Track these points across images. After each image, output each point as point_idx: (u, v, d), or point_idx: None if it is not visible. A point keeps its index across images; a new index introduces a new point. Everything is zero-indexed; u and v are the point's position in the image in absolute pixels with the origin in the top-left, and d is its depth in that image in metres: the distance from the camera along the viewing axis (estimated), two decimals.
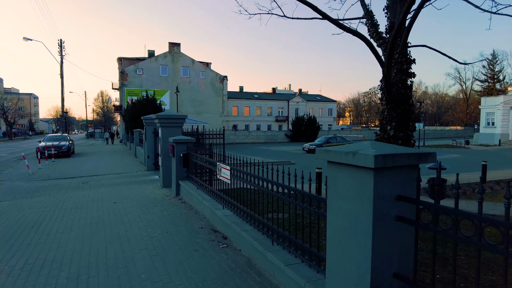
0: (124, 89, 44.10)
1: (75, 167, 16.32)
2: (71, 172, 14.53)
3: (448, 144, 39.59)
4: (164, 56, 46.34)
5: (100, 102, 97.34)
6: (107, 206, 8.05)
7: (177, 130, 10.28)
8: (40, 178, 12.97)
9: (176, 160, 8.66)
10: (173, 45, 46.97)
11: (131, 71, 44.51)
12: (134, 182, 11.82)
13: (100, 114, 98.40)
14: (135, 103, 24.03)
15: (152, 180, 12.21)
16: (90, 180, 12.37)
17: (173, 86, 46.30)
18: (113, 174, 13.98)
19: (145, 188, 10.45)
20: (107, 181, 12.07)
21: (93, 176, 13.36)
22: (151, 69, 45.40)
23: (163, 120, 9.99)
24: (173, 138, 8.58)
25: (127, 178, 12.84)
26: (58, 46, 32.56)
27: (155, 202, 8.30)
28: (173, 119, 10.11)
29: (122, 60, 49.20)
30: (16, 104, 72.73)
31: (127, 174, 13.83)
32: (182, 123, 10.26)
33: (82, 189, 10.48)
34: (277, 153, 27.12)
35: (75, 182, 12.07)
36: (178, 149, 8.64)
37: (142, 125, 23.95)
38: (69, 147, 22.13)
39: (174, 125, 10.23)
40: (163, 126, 10.06)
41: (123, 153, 25.03)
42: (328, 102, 77.61)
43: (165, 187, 10.20)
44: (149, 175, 13.51)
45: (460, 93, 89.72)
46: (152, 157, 14.70)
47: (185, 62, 47.55)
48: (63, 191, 10.17)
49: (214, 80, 49.56)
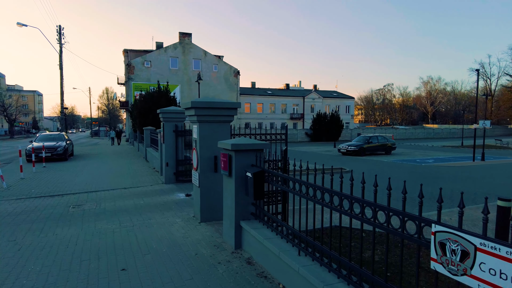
0: (131, 83, 40.29)
1: (69, 176, 12.40)
2: (62, 185, 10.60)
3: (492, 145, 35.26)
4: (174, 48, 42.43)
5: (105, 99, 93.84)
6: (107, 279, 4.06)
7: (224, 127, 6.28)
8: (15, 196, 9.04)
9: (236, 183, 4.65)
10: (183, 35, 43.04)
11: (138, 64, 40.68)
12: (151, 206, 7.83)
13: (105, 111, 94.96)
14: (146, 96, 20.07)
15: (176, 202, 8.22)
16: (86, 201, 8.41)
17: (184, 80, 42.44)
18: (119, 189, 10.02)
19: (171, 222, 6.46)
20: (110, 204, 8.10)
21: (91, 193, 9.40)
22: (160, 62, 41.54)
23: (203, 111, 5.96)
24: (233, 143, 4.56)
25: (139, 197, 8.86)
26: (56, 33, 28.69)
27: (200, 269, 4.28)
28: (221, 109, 6.07)
29: (129, 52, 45.39)
30: (17, 101, 69.29)
31: (138, 190, 9.85)
32: (232, 115, 6.23)
33: (70, 222, 6.52)
34: (306, 156, 23.04)
35: (63, 204, 8.12)
36: (240, 162, 4.64)
37: (153, 122, 20.02)
38: (66, 149, 18.26)
39: (221, 118, 6.21)
40: (202, 121, 6.05)
41: (131, 156, 21.10)
42: (345, 98, 73.30)
43: (204, 222, 6.21)
44: (169, 191, 9.52)
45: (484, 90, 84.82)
46: (172, 164, 10.71)
47: (197, 54, 43.60)
48: (37, 227, 6.21)
49: (227, 74, 45.59)
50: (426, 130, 61.05)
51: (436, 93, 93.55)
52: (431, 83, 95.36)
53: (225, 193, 5.04)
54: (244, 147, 4.58)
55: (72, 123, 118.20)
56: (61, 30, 28.71)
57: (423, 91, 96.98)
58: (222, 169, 4.94)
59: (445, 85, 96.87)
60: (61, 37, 28.72)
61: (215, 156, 6.17)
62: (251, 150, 4.67)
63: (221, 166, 4.97)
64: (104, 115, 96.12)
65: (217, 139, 6.17)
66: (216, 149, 6.18)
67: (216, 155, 6.19)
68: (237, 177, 4.65)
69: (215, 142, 6.10)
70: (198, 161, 6.17)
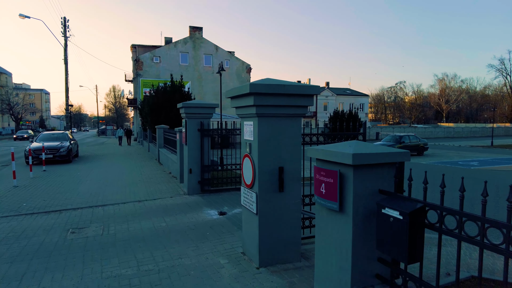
0: (139, 80, 38.42)
1: (71, 184, 10.44)
2: (62, 196, 8.62)
3: None
4: (185, 42, 40.44)
5: (112, 97, 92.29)
6: None
7: (294, 124, 4.18)
8: (0, 214, 7.07)
9: (356, 226, 2.55)
10: (194, 29, 41.03)
11: (146, 59, 38.76)
12: (177, 231, 5.77)
13: (112, 110, 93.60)
14: (158, 91, 18.06)
15: (210, 224, 6.16)
16: (90, 222, 6.39)
17: (195, 77, 40.48)
18: (132, 202, 8.00)
19: (214, 264, 4.40)
20: (121, 227, 6.07)
21: (97, 208, 7.40)
22: (170, 57, 39.57)
23: (267, 99, 3.82)
24: (355, 151, 2.45)
25: (159, 215, 6.82)
26: (61, 26, 26.86)
27: None
28: (295, 96, 3.93)
29: (137, 47, 43.54)
30: (23, 99, 68.03)
31: (156, 204, 7.82)
32: (307, 106, 4.11)
33: (65, 261, 4.50)
34: None
35: (60, 226, 6.12)
36: (363, 186, 2.54)
37: (167, 119, 17.98)
38: (69, 150, 16.34)
39: (293, 111, 4.11)
40: (264, 114, 3.96)
41: (141, 157, 19.14)
42: (359, 96, 70.96)
43: (266, 267, 4.11)
44: (196, 207, 7.47)
45: (504, 86, 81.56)
46: (197, 171, 8.66)
47: (208, 49, 41.56)
48: (15, 272, 4.19)
49: (240, 69, 43.50)
50: (445, 129, 58.40)
51: (451, 90, 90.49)
52: (446, 81, 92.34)
53: (325, 240, 2.93)
54: (375, 159, 2.49)
55: (80, 122, 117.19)
56: (66, 22, 26.88)
57: (437, 88, 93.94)
58: (320, 197, 2.84)
59: (461, 83, 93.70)
60: (66, 29, 26.91)
61: (280, 168, 4.09)
62: (384, 165, 2.58)
63: (319, 192, 2.87)
64: (111, 113, 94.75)
65: (284, 142, 4.10)
66: (284, 157, 4.11)
67: (282, 166, 4.11)
68: (358, 214, 2.56)
69: (282, 146, 4.04)
70: (254, 175, 4.09)
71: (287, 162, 4.17)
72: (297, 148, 4.23)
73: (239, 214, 6.75)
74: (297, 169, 4.24)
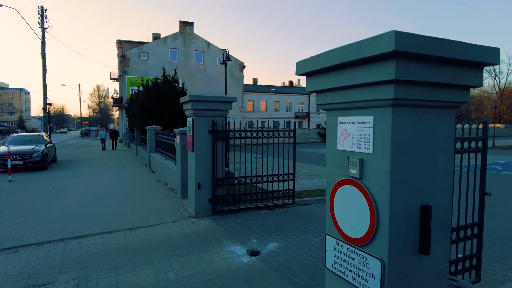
0: (125, 77, 35.85)
1: (41, 200, 8.17)
2: (25, 221, 6.38)
3: None
4: (174, 38, 38.06)
5: (96, 97, 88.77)
6: None
7: (447, 121, 2.16)
8: None
9: None
10: (184, 24, 38.72)
11: (133, 56, 36.23)
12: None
13: (96, 110, 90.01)
14: (149, 86, 15.81)
15: (242, 272, 4.08)
16: (59, 270, 4.22)
17: (185, 74, 38.12)
18: (122, 230, 5.84)
19: None
20: (107, 282, 3.93)
21: (72, 242, 5.21)
22: (158, 53, 37.11)
23: (421, 68, 1.83)
24: None
25: (163, 257, 4.70)
26: (38, 16, 24.21)
27: None
28: (459, 66, 1.97)
29: (123, 43, 40.88)
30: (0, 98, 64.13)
31: (155, 234, 5.68)
32: (469, 89, 2.14)
33: None
34: None
35: (7, 284, 3.95)
36: None
37: (160, 119, 15.71)
38: (45, 155, 13.93)
39: (451, 99, 2.09)
40: (410, 102, 1.92)
41: (130, 162, 16.81)
42: None
43: None
44: (211, 239, 5.37)
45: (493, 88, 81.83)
46: (208, 186, 6.55)
47: (199, 45, 39.29)
48: None
49: (233, 67, 41.39)
50: None
51: None
52: None
53: None
54: None
55: (62, 123, 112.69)
56: (44, 12, 24.25)
57: None
58: None
59: None
60: (44, 20, 24.27)
61: (424, 209, 2.06)
62: None
63: None
64: (95, 114, 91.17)
65: (432, 155, 2.08)
66: (430, 185, 2.09)
67: (428, 205, 2.09)
68: None
69: (428, 164, 2.02)
70: (377, 221, 2.04)
71: (437, 196, 2.16)
72: (449, 168, 2.22)
73: (278, 253, 4.70)
74: (447, 207, 2.23)
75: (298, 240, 5.25)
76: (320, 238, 5.33)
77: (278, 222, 6.19)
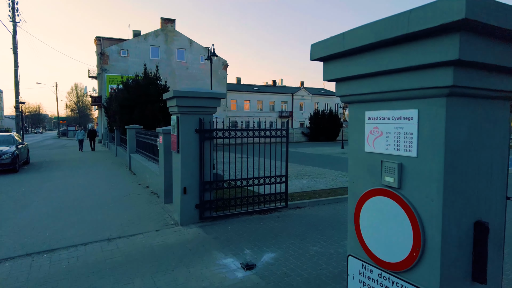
0: (104, 75, 34.60)
1: (7, 208, 7.41)
2: None
3: None
4: (156, 35, 37.06)
5: (74, 96, 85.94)
6: None
7: (505, 116, 1.74)
8: None
9: None
10: (166, 21, 37.75)
11: (113, 53, 35.01)
12: None
13: (74, 110, 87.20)
14: (129, 84, 15.04)
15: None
16: None
17: (167, 72, 37.18)
18: (99, 241, 5.23)
19: None
20: None
21: (40, 257, 4.58)
22: (139, 51, 36.02)
23: (492, 46, 1.41)
24: None
25: (144, 270, 4.14)
26: (9, 9, 22.87)
27: None
28: None
29: (102, 40, 39.49)
30: None
31: (136, 246, 5.10)
32: None
33: None
34: (323, 159, 18.75)
35: None
36: None
37: (141, 118, 15.00)
38: (15, 156, 12.98)
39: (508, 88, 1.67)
40: (468, 92, 1.47)
41: (109, 164, 15.97)
42: (335, 96, 70.11)
43: None
44: (201, 251, 4.84)
45: None
46: (194, 190, 6.02)
47: (181, 43, 38.42)
48: None
49: (216, 66, 40.65)
50: None
51: None
52: None
53: None
54: None
55: (38, 122, 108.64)
56: (15, 4, 22.93)
57: None
58: None
59: None
60: (15, 13, 22.95)
61: (479, 226, 1.63)
62: None
63: None
64: (73, 113, 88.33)
65: (489, 159, 1.65)
66: (487, 198, 1.66)
67: (484, 222, 1.66)
68: None
69: (483, 170, 1.58)
70: (423, 242, 1.60)
71: (491, 209, 1.74)
72: (504, 173, 1.81)
73: (276, 265, 4.24)
74: (501, 222, 1.82)
75: (295, 249, 4.80)
76: (319, 246, 4.90)
77: (272, 229, 5.73)
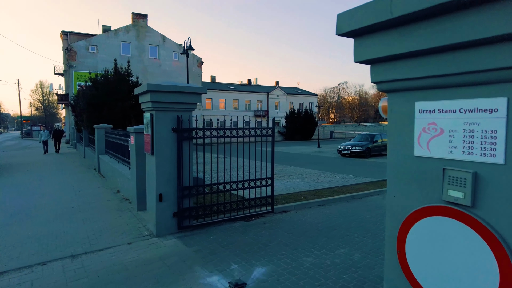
0: (72, 72, 32.76)
1: None
2: None
3: None
4: (127, 30, 35.53)
5: (40, 94, 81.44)
6: None
7: None
8: None
9: None
10: (138, 16, 36.27)
11: (81, 48, 33.21)
12: None
13: (40, 109, 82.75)
14: (98, 80, 14.00)
15: None
16: None
17: (138, 69, 35.72)
18: (60, 259, 4.48)
19: None
20: None
21: None
22: (109, 47, 34.37)
23: None
24: None
25: None
26: None
27: None
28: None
29: (69, 35, 37.36)
30: None
31: (105, 264, 4.40)
32: None
33: None
34: (302, 158, 18.50)
35: None
36: None
37: (110, 117, 13.98)
38: None
39: None
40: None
41: (76, 166, 14.84)
42: (309, 96, 70.79)
43: None
44: (181, 268, 4.21)
45: None
46: (172, 197, 5.37)
47: (154, 39, 37.08)
48: None
49: (190, 63, 39.52)
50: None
51: None
52: None
53: None
54: None
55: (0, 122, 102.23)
56: None
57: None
58: None
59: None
60: None
61: None
62: None
63: None
64: (39, 113, 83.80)
65: None
66: None
67: None
68: None
69: None
70: None
71: None
72: None
73: (269, 282, 3.71)
74: None
75: (288, 262, 4.29)
76: (314, 257, 4.42)
77: (259, 238, 5.19)
